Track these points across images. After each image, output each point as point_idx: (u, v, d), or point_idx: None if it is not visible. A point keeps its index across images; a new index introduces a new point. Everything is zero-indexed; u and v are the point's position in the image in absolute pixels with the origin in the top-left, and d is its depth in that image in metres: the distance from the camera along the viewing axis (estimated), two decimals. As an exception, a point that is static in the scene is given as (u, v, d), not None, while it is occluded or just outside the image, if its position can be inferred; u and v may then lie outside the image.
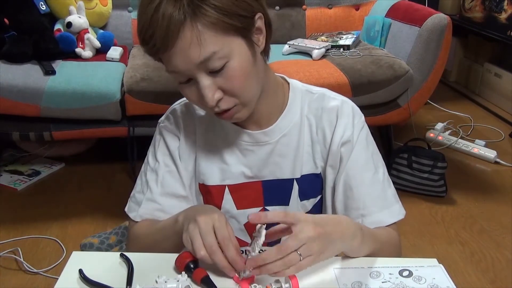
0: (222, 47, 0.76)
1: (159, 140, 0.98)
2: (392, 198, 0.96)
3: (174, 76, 0.81)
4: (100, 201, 2.19)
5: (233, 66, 0.78)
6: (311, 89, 0.97)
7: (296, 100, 0.95)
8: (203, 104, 0.82)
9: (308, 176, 0.96)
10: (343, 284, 0.79)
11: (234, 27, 0.77)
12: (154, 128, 1.02)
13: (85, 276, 0.78)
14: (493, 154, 2.66)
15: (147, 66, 2.16)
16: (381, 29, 2.52)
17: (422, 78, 2.29)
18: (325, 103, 0.95)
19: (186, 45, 0.75)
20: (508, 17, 3.01)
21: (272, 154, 0.94)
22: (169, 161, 0.96)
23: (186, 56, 0.76)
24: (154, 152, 0.98)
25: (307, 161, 0.95)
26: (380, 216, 0.93)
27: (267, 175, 0.95)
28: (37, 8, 2.28)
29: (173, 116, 0.98)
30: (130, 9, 2.63)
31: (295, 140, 0.94)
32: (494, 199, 2.32)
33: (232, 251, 0.76)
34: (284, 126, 0.93)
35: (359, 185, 0.93)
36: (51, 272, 1.76)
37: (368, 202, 0.93)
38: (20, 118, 2.06)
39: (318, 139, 0.94)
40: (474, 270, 1.85)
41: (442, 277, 0.81)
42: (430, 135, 2.87)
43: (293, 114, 0.94)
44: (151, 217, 0.96)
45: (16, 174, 2.38)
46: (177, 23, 0.73)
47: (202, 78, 0.78)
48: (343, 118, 0.93)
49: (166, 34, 0.73)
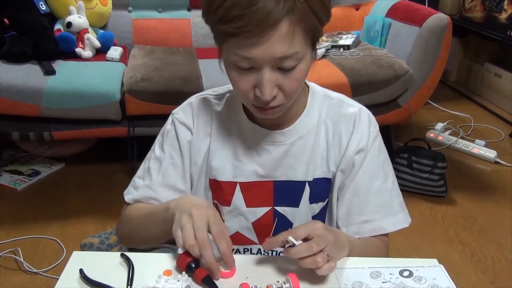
0: (302, 50, 0.78)
1: (169, 131, 0.98)
2: (398, 206, 0.97)
3: (237, 60, 0.78)
4: (100, 201, 2.19)
5: (301, 69, 0.80)
6: (329, 94, 0.98)
7: (315, 104, 0.95)
8: (250, 97, 0.82)
9: (320, 180, 0.96)
10: (343, 284, 0.79)
11: (316, 34, 0.80)
12: (154, 128, 1.03)
13: (86, 276, 0.78)
14: (493, 154, 2.66)
15: (147, 66, 2.16)
16: (381, 29, 2.52)
17: (422, 78, 2.29)
18: (343, 109, 0.96)
19: (279, 38, 0.74)
20: (508, 17, 3.01)
21: (286, 155, 0.94)
22: (176, 154, 0.97)
23: (272, 48, 0.75)
24: (162, 141, 0.99)
25: (320, 165, 0.95)
26: (381, 224, 0.95)
27: (279, 176, 0.96)
28: (37, 8, 2.28)
29: (190, 108, 0.98)
30: (130, 9, 2.63)
31: (310, 143, 0.95)
32: (494, 199, 2.32)
33: (225, 245, 0.77)
34: (301, 128, 0.94)
35: (366, 192, 0.94)
36: (51, 272, 1.75)
37: (372, 210, 0.94)
38: (20, 118, 2.06)
39: (334, 144, 0.95)
40: (474, 270, 1.85)
41: (443, 277, 0.81)
42: (430, 135, 2.87)
43: (311, 117, 0.95)
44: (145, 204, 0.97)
45: (16, 174, 2.38)
46: (279, 14, 0.72)
47: (268, 71, 0.78)
48: (360, 125, 0.94)
49: (264, 21, 0.72)
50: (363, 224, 0.94)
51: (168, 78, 2.09)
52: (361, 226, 0.94)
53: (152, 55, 2.35)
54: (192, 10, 2.69)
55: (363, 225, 0.94)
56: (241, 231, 0.98)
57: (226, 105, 0.98)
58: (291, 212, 0.97)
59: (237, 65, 0.79)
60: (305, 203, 0.97)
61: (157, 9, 2.67)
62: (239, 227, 0.98)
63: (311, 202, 0.97)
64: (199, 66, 2.25)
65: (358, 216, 0.94)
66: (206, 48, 2.58)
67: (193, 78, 2.11)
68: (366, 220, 0.94)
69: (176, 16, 2.67)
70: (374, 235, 0.95)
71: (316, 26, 0.78)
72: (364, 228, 0.94)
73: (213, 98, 0.99)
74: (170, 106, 1.03)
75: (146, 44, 2.58)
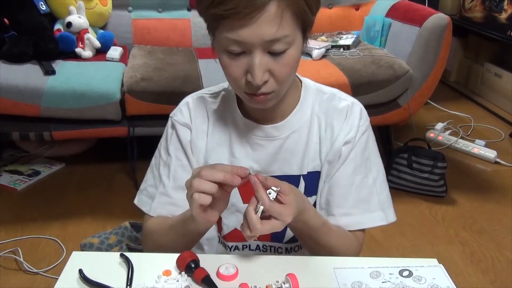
0: (292, 33, 0.79)
1: (171, 134, 0.99)
2: (377, 204, 0.97)
3: (228, 43, 0.78)
4: (100, 201, 2.19)
5: (291, 54, 0.81)
6: (322, 88, 0.99)
7: (308, 98, 0.96)
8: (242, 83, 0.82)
9: (313, 173, 0.97)
10: (343, 284, 0.79)
11: (306, 20, 0.80)
12: (154, 128, 1.03)
13: (85, 276, 0.78)
14: (493, 154, 2.66)
15: (147, 66, 2.16)
16: (381, 29, 2.52)
17: (422, 78, 2.29)
18: (336, 103, 0.97)
19: (267, 20, 0.75)
20: (508, 17, 3.01)
21: (281, 149, 0.95)
22: (181, 155, 0.98)
23: (261, 30, 0.75)
24: (166, 145, 1.00)
25: (313, 159, 0.96)
26: (360, 219, 0.96)
27: (275, 171, 0.96)
28: (37, 8, 2.28)
29: (186, 108, 0.99)
30: (130, 9, 2.63)
31: (304, 137, 0.96)
32: (494, 199, 2.32)
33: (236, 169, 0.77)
34: (294, 122, 0.95)
35: (348, 185, 0.95)
36: (51, 272, 1.76)
37: (352, 203, 0.95)
38: (20, 118, 2.06)
39: (326, 137, 0.96)
40: (474, 270, 1.85)
41: (442, 277, 0.81)
42: (430, 135, 2.87)
43: (304, 112, 0.96)
44: (164, 211, 0.97)
45: (16, 174, 2.38)
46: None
47: (259, 55, 0.78)
48: (351, 118, 0.95)
49: (252, 3, 0.72)
50: (341, 217, 0.95)
51: (168, 78, 2.09)
52: (339, 218, 0.95)
53: (152, 55, 2.35)
54: (192, 10, 2.69)
55: (341, 217, 0.95)
56: (238, 227, 0.98)
57: (221, 103, 0.99)
58: None
59: (228, 49, 0.79)
60: None
61: (157, 9, 2.67)
62: (237, 224, 0.98)
63: (306, 195, 0.97)
64: (199, 66, 2.24)
65: (337, 208, 0.96)
66: (206, 48, 2.57)
67: (193, 78, 2.11)
68: (345, 213, 0.95)
69: (176, 16, 2.67)
70: (351, 229, 0.96)
71: (305, 10, 0.78)
72: (341, 221, 0.95)
73: (209, 96, 1.00)
74: (170, 106, 1.03)
75: (146, 44, 2.58)
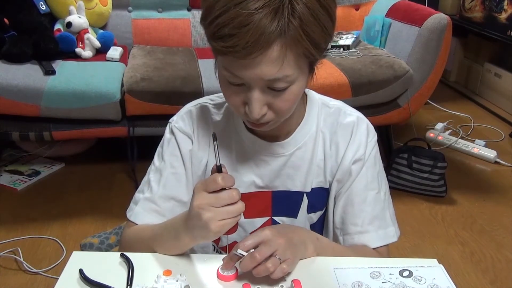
0: (294, 73, 0.75)
1: (169, 140, 0.95)
2: (389, 219, 0.96)
3: (228, 75, 0.77)
4: (100, 201, 2.19)
5: (293, 90, 0.78)
6: (327, 102, 0.97)
7: (313, 113, 0.94)
8: (241, 111, 0.80)
9: (317, 189, 0.96)
10: (343, 284, 0.79)
11: (311, 58, 0.77)
12: (154, 128, 1.02)
13: (86, 276, 0.78)
14: (493, 154, 2.66)
15: (147, 66, 2.16)
16: (381, 29, 2.52)
17: (422, 78, 2.29)
18: (341, 118, 0.94)
19: (268, 61, 0.72)
20: (508, 17, 3.01)
21: (285, 166, 0.93)
22: (177, 163, 0.94)
23: (261, 71, 0.73)
24: (161, 151, 0.95)
25: (317, 175, 0.95)
26: (374, 236, 0.94)
27: (278, 186, 0.95)
28: (37, 8, 2.28)
29: (188, 117, 0.95)
30: (130, 9, 2.63)
31: (309, 153, 0.94)
32: (494, 199, 2.32)
33: None
34: (299, 139, 0.93)
35: (361, 202, 0.94)
36: (51, 272, 1.75)
37: (367, 220, 0.94)
38: (20, 118, 2.06)
39: (331, 153, 0.94)
40: (474, 270, 1.85)
41: (442, 277, 0.81)
42: (430, 135, 2.87)
43: (309, 127, 0.93)
44: (147, 218, 0.92)
45: (16, 174, 2.38)
46: (270, 37, 0.69)
47: (257, 91, 0.76)
48: (358, 135, 0.93)
49: (255, 43, 0.69)
50: (357, 235, 0.93)
51: (168, 78, 2.09)
52: (356, 237, 0.94)
53: (152, 55, 2.35)
54: (192, 10, 2.69)
55: (357, 236, 0.93)
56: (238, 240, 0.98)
57: (225, 115, 0.96)
58: (289, 222, 0.97)
59: (228, 80, 0.78)
60: (303, 213, 0.96)
61: (157, 9, 2.67)
62: (237, 237, 0.97)
63: (308, 212, 0.97)
64: (199, 66, 2.24)
65: (353, 226, 0.94)
66: (206, 48, 2.57)
67: (193, 78, 2.11)
68: (360, 231, 0.93)
69: (176, 16, 2.67)
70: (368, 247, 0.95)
71: (311, 52, 0.74)
72: (357, 240, 0.94)
73: (212, 107, 0.96)
74: (170, 106, 1.03)
75: (146, 44, 2.58)
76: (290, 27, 0.70)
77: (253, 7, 0.68)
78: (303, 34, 0.71)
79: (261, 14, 0.68)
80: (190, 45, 2.64)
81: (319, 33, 0.73)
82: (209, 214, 0.72)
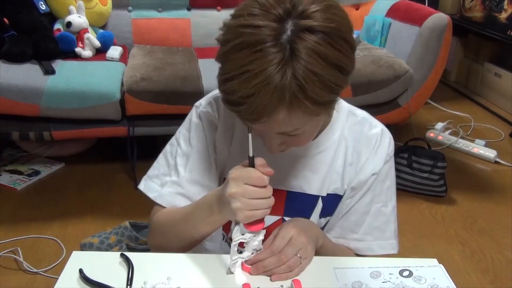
0: (306, 123, 0.76)
1: (196, 125, 0.95)
2: (391, 233, 0.97)
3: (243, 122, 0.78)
4: (100, 201, 2.19)
5: (306, 131, 0.79)
6: (354, 111, 0.97)
7: (339, 120, 0.94)
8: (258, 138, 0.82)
9: (332, 196, 0.96)
10: (343, 284, 0.79)
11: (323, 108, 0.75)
12: (154, 128, 1.01)
13: (85, 276, 0.78)
14: (493, 154, 2.66)
15: (147, 66, 2.16)
16: (381, 29, 2.52)
17: (422, 78, 2.29)
18: (366, 129, 0.95)
19: (276, 122, 0.73)
20: (508, 16, 3.01)
21: (304, 167, 0.94)
22: (204, 149, 0.94)
23: (271, 127, 0.76)
24: (188, 135, 0.95)
25: (335, 181, 0.95)
26: (371, 245, 0.96)
27: (294, 187, 0.95)
28: (37, 8, 2.28)
29: (216, 104, 0.94)
30: (130, 9, 2.63)
31: (329, 158, 0.94)
32: (494, 199, 2.32)
33: None
34: (322, 142, 0.93)
35: (364, 213, 0.95)
36: (51, 272, 1.75)
37: (366, 230, 0.95)
38: (20, 118, 2.05)
39: (351, 161, 0.94)
40: (474, 270, 1.85)
41: (442, 277, 0.81)
42: (430, 135, 2.87)
43: (333, 133, 0.94)
44: (173, 200, 0.94)
45: (16, 174, 2.38)
46: (274, 106, 0.70)
47: (273, 137, 0.79)
48: (381, 148, 0.94)
49: (260, 111, 0.70)
50: (353, 241, 0.95)
51: (168, 78, 2.09)
52: (351, 242, 0.96)
53: (152, 54, 2.35)
54: (192, 9, 2.69)
55: (353, 242, 0.95)
56: None
57: None
58: None
59: None
60: (315, 217, 0.96)
61: (157, 9, 2.67)
62: None
63: (320, 217, 0.97)
64: (199, 65, 2.24)
65: (350, 233, 0.95)
66: (206, 48, 2.57)
67: (193, 78, 2.11)
68: (356, 238, 0.95)
69: (176, 16, 2.67)
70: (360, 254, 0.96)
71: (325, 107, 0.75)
72: (352, 244, 0.96)
73: None
74: (170, 106, 1.02)
75: (146, 43, 2.57)
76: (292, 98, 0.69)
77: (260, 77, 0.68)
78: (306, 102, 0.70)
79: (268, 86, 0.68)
80: (190, 45, 2.64)
81: (323, 93, 0.71)
82: (239, 204, 0.75)
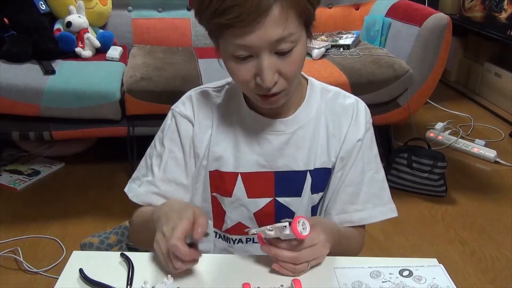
0: (297, 31, 0.79)
1: (169, 125, 0.98)
2: (388, 198, 1.00)
3: (234, 49, 0.79)
4: (100, 201, 2.19)
5: (298, 51, 0.81)
6: (327, 87, 1.01)
7: (313, 96, 0.97)
8: (251, 86, 0.83)
9: (321, 170, 0.97)
10: (343, 284, 0.79)
11: (308, 17, 0.81)
12: (154, 127, 1.02)
13: (86, 276, 0.78)
14: (493, 154, 2.66)
15: (147, 66, 2.16)
16: (381, 29, 2.52)
17: (422, 78, 2.29)
18: (341, 100, 0.98)
19: (272, 22, 0.75)
20: (508, 16, 3.01)
21: (287, 144, 0.95)
22: (176, 148, 0.97)
23: (266, 33, 0.76)
24: (162, 136, 0.99)
25: (321, 155, 0.96)
26: (372, 213, 0.97)
27: (280, 166, 0.96)
28: (37, 8, 2.28)
29: (189, 101, 0.98)
30: (130, 9, 2.63)
31: (310, 133, 0.96)
32: (494, 199, 2.32)
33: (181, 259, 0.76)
34: (302, 118, 0.95)
35: (359, 182, 0.97)
36: (51, 271, 1.75)
37: (364, 199, 0.97)
38: (20, 118, 2.06)
39: (334, 133, 0.96)
40: (474, 270, 1.85)
41: (442, 277, 0.81)
42: (430, 134, 2.87)
43: (310, 108, 0.96)
44: (149, 199, 0.96)
45: (16, 173, 2.38)
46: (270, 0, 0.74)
47: (267, 58, 0.79)
48: (359, 116, 0.97)
49: (256, 10, 0.73)
50: (355, 213, 0.97)
51: (168, 77, 2.09)
52: (353, 214, 0.97)
53: (152, 54, 2.35)
54: (192, 9, 2.69)
55: (355, 213, 0.97)
56: (242, 221, 0.99)
57: (226, 96, 0.99)
58: (294, 202, 0.98)
59: (235, 55, 0.80)
60: (307, 192, 0.97)
61: (157, 9, 2.67)
62: (240, 218, 0.99)
63: (312, 192, 0.98)
64: (199, 65, 2.25)
65: (350, 205, 0.97)
66: (206, 47, 2.57)
67: (193, 77, 2.11)
68: (357, 209, 0.97)
69: (176, 16, 2.67)
70: (363, 224, 0.98)
71: (308, 8, 0.79)
72: (355, 216, 0.97)
73: (212, 90, 1.00)
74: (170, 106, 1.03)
75: (146, 43, 2.58)
76: None
77: None
78: None
79: None
80: (190, 45, 2.64)
81: None
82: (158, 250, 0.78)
